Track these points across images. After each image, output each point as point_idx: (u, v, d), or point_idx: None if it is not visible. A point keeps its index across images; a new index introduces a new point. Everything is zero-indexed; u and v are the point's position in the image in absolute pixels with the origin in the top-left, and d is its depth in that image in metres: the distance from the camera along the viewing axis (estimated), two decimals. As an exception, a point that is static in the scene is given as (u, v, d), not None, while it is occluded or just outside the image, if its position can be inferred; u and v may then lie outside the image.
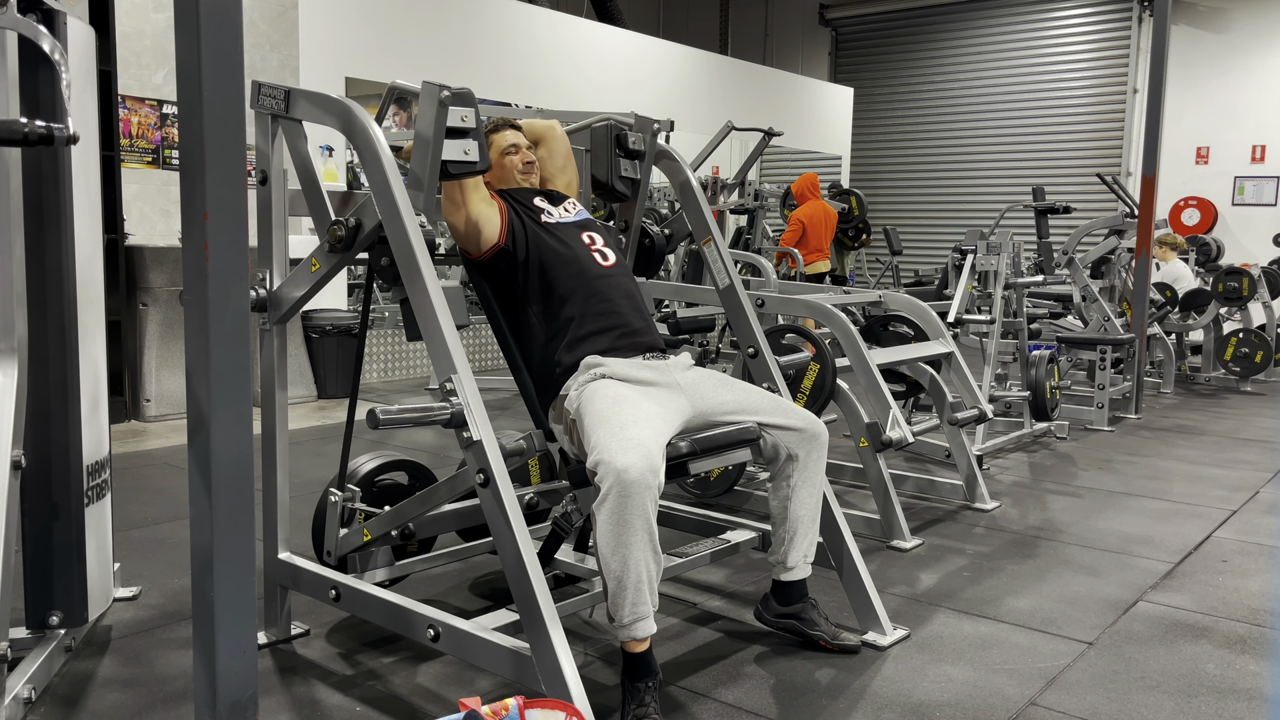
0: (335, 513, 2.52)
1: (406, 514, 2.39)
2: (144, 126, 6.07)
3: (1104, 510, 3.98)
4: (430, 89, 2.23)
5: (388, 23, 7.20)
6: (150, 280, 5.45)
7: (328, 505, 2.54)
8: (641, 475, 2.00)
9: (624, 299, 2.52)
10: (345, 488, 2.53)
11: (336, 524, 2.52)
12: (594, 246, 2.56)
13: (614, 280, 2.53)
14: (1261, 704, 2.32)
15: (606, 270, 2.53)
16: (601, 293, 2.48)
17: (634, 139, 2.88)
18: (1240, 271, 7.30)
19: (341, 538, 2.52)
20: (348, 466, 2.58)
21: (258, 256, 2.48)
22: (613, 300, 2.49)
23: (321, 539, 2.60)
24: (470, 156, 2.30)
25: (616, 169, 2.85)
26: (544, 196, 2.64)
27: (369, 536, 2.46)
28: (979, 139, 12.16)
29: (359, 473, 2.71)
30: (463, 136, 2.29)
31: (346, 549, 2.52)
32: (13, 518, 1.97)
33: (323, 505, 2.60)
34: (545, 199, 2.63)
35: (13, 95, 2.06)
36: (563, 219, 2.59)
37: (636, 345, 2.47)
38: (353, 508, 2.51)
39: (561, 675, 1.89)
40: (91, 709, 2.19)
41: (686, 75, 10.03)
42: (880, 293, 4.34)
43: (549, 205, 2.61)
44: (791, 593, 2.55)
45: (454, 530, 2.82)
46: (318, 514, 2.65)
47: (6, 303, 2.04)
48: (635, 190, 2.94)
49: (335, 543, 2.53)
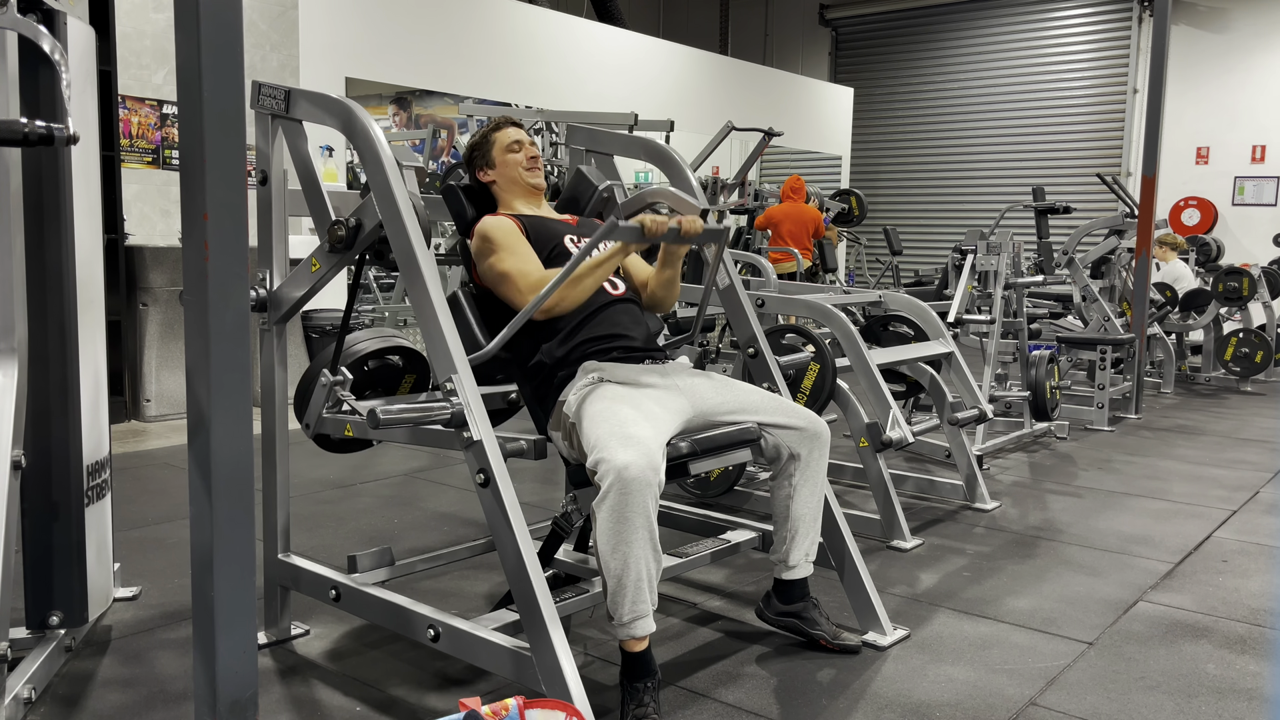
0: (322, 394, 2.46)
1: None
2: (144, 126, 6.07)
3: (1104, 510, 3.98)
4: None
5: (388, 23, 7.20)
6: (150, 280, 5.45)
7: (317, 383, 2.48)
8: (642, 473, 2.00)
9: (630, 321, 2.53)
10: (338, 370, 2.47)
11: (321, 403, 2.47)
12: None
13: (621, 305, 2.54)
14: (1261, 704, 2.32)
15: (614, 298, 2.55)
16: (607, 316, 2.49)
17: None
18: (1240, 271, 7.29)
19: (323, 417, 2.47)
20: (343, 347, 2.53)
21: (258, 256, 2.48)
22: (618, 323, 2.49)
23: (304, 407, 2.54)
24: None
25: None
26: (575, 237, 2.62)
27: (350, 434, 2.43)
28: (979, 139, 12.16)
29: (353, 354, 2.62)
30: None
31: (325, 429, 2.48)
32: (13, 518, 1.97)
33: (311, 377, 2.53)
34: (575, 240, 2.61)
35: (13, 95, 2.06)
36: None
37: (638, 355, 2.47)
38: (340, 396, 2.46)
39: (561, 675, 1.89)
40: (91, 709, 2.19)
41: (686, 75, 10.03)
42: (880, 293, 4.34)
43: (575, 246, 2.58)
44: (793, 591, 2.56)
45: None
46: (304, 382, 2.57)
47: (6, 303, 2.04)
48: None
49: (315, 419, 2.48)
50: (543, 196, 2.72)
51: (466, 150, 2.72)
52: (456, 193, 2.69)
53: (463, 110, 7.40)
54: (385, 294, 7.79)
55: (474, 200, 2.69)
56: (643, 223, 2.22)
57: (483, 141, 2.68)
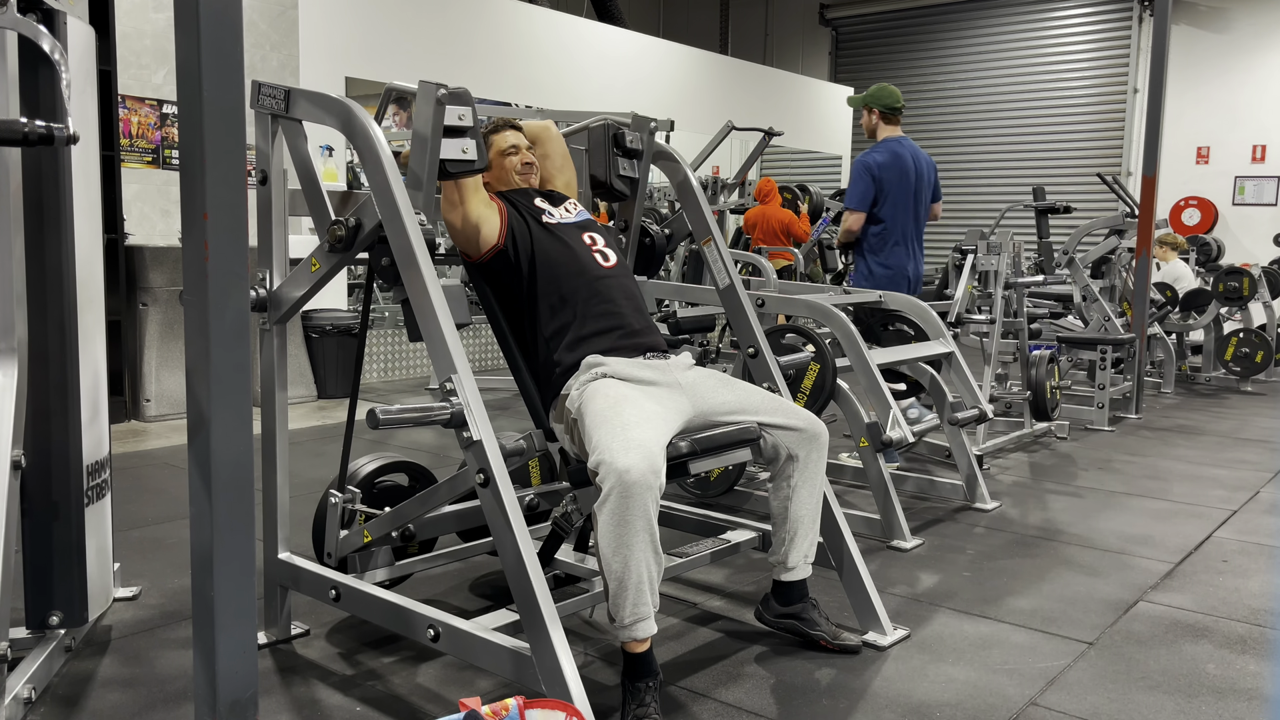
0: (335, 514, 2.52)
1: (406, 515, 2.39)
2: (144, 126, 6.07)
3: (1104, 510, 3.98)
4: (427, 88, 2.23)
5: (388, 23, 7.20)
6: (150, 280, 5.45)
7: (328, 507, 2.54)
8: (643, 476, 2.00)
9: (625, 299, 2.52)
10: (345, 489, 2.53)
11: (337, 525, 2.52)
12: (595, 247, 2.56)
13: (615, 281, 2.53)
14: (1261, 704, 2.32)
15: (607, 271, 2.53)
16: (602, 293, 2.48)
17: (631, 138, 2.88)
18: (1241, 271, 7.29)
19: (342, 539, 2.52)
20: (348, 467, 2.58)
21: (258, 256, 2.48)
22: (614, 301, 2.49)
23: (322, 540, 2.60)
24: (468, 155, 2.30)
25: (615, 168, 2.85)
26: (544, 197, 2.64)
27: (369, 538, 2.46)
28: (979, 139, 12.16)
29: (359, 474, 2.71)
30: (460, 135, 2.28)
31: (347, 550, 2.52)
32: (13, 518, 1.97)
33: (323, 507, 2.60)
34: (546, 200, 2.63)
35: (13, 95, 2.06)
36: (564, 219, 2.59)
37: (637, 345, 2.46)
38: (353, 509, 2.51)
39: (561, 675, 1.89)
40: (91, 709, 2.19)
41: (686, 75, 10.03)
42: (880, 293, 4.34)
43: (549, 206, 2.61)
44: (792, 593, 2.55)
45: (454, 531, 2.82)
46: (318, 515, 2.65)
47: (6, 303, 2.04)
48: (634, 189, 2.94)
49: (335, 544, 2.53)
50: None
51: (466, 150, 2.73)
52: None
53: (462, 110, 7.39)
54: (385, 294, 7.79)
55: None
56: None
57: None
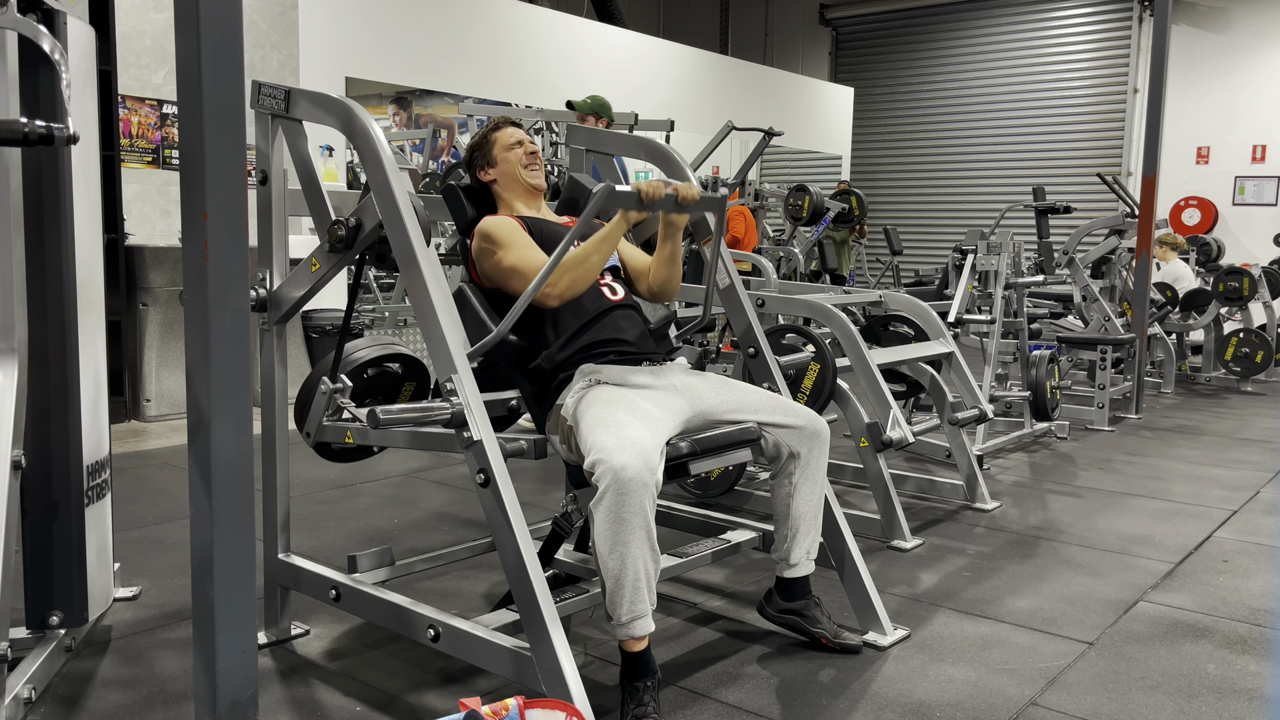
0: (322, 401, 2.47)
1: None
2: (144, 126, 6.07)
3: (1104, 510, 3.98)
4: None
5: (388, 23, 7.20)
6: (150, 280, 5.45)
7: (316, 391, 2.48)
8: (638, 474, 2.00)
9: (628, 325, 2.52)
10: (337, 378, 2.47)
11: (321, 411, 2.47)
12: (602, 282, 2.57)
13: (620, 311, 2.54)
14: (1262, 704, 2.32)
15: (613, 303, 2.54)
16: (607, 322, 2.49)
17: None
18: (1241, 271, 7.29)
19: (323, 425, 2.48)
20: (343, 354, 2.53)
21: (258, 256, 2.48)
22: (617, 327, 2.49)
23: (304, 415, 2.54)
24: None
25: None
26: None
27: (351, 441, 2.43)
28: (979, 139, 12.15)
29: (353, 361, 2.63)
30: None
31: (326, 438, 2.49)
32: (13, 518, 1.97)
33: (311, 385, 2.53)
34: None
35: (13, 95, 2.06)
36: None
37: (636, 357, 2.47)
38: (340, 403, 2.47)
39: (561, 675, 1.89)
40: (91, 709, 2.19)
41: (686, 75, 10.03)
42: (880, 293, 4.34)
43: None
44: (794, 589, 2.56)
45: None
46: (304, 390, 2.57)
47: (6, 303, 2.04)
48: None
49: (316, 427, 2.49)
50: (543, 198, 2.72)
51: (467, 151, 2.73)
52: (456, 193, 2.69)
53: (463, 110, 7.39)
54: (385, 294, 7.79)
55: (474, 200, 2.69)
56: (639, 188, 2.24)
57: (483, 141, 2.69)
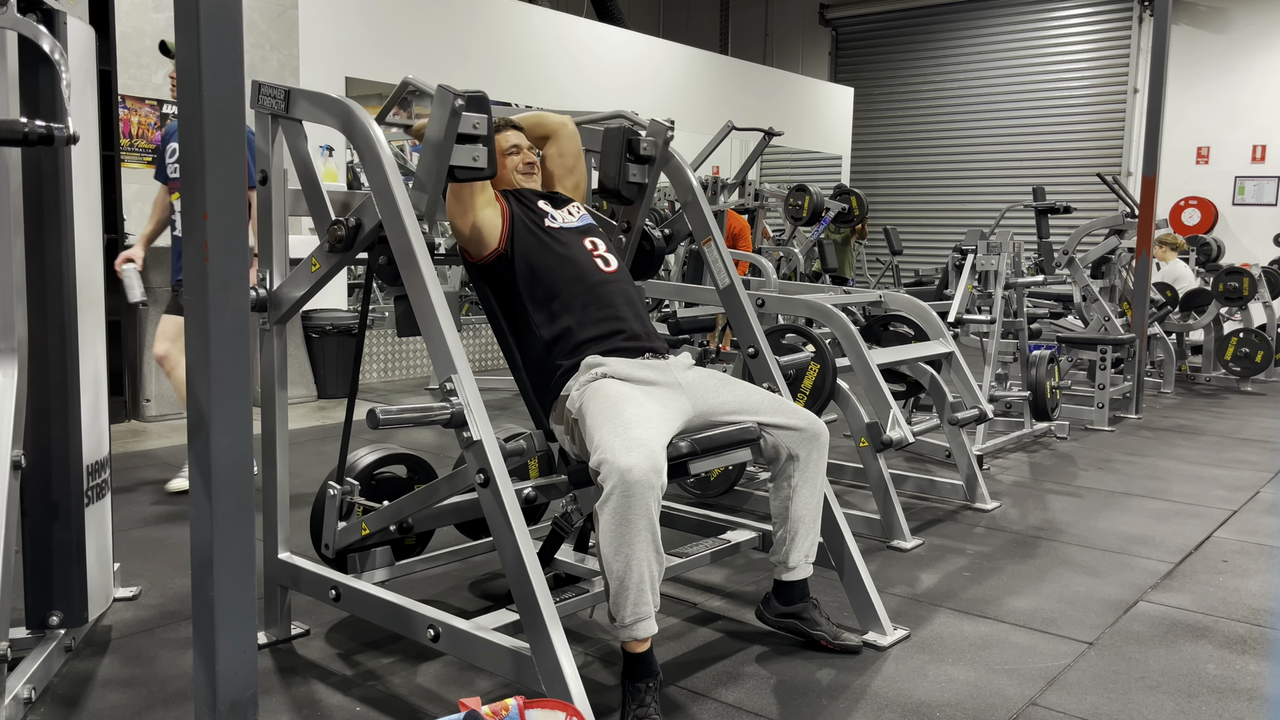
0: (334, 506, 2.51)
1: (405, 509, 2.39)
2: (144, 126, 6.07)
3: (1104, 510, 3.98)
4: (445, 95, 2.21)
5: (388, 23, 7.20)
6: (150, 280, 5.44)
7: (326, 498, 2.54)
8: (645, 475, 2.00)
9: (625, 305, 2.52)
10: (344, 481, 2.52)
11: (335, 517, 2.51)
12: (596, 252, 2.56)
13: (615, 286, 2.53)
14: (1261, 704, 2.32)
15: (608, 276, 2.53)
16: (602, 298, 2.48)
17: (645, 145, 2.82)
18: (1241, 271, 7.29)
19: (339, 531, 2.51)
20: (347, 459, 2.57)
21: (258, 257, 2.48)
22: (614, 305, 2.48)
23: (320, 533, 2.59)
24: (479, 163, 2.29)
25: (625, 174, 2.80)
26: (548, 199, 2.64)
27: (367, 530, 2.46)
28: (979, 139, 12.16)
29: (358, 466, 2.69)
30: (473, 143, 2.27)
31: (344, 543, 2.51)
32: (13, 518, 1.97)
33: (321, 498, 2.59)
34: (549, 202, 2.62)
35: (13, 95, 2.06)
36: (566, 223, 2.58)
37: (637, 348, 2.46)
38: (351, 501, 2.51)
39: (561, 675, 1.89)
40: (91, 709, 2.19)
41: (686, 75, 10.03)
42: (880, 293, 4.34)
43: (552, 209, 2.60)
44: (793, 592, 2.55)
45: (453, 524, 2.81)
46: (316, 507, 2.64)
47: (6, 303, 2.04)
48: (641, 195, 2.91)
49: (334, 536, 2.52)
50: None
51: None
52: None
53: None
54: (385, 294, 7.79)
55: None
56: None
57: (482, 142, 2.68)
